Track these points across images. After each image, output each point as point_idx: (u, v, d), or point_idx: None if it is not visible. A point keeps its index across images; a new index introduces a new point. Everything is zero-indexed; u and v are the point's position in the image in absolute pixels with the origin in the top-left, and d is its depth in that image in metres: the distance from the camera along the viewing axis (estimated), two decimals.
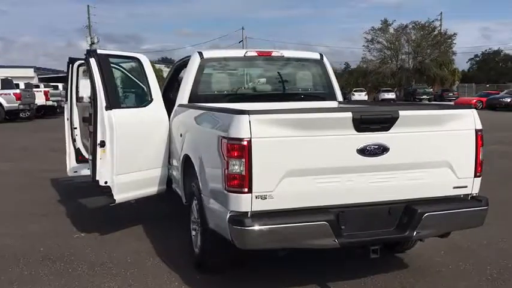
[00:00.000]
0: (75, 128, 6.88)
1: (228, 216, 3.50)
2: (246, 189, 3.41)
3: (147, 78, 5.47)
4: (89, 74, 4.99)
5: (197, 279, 4.35)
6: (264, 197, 3.44)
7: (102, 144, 4.93)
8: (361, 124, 3.53)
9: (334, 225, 3.53)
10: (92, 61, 4.97)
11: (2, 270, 4.61)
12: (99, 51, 5.04)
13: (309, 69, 6.12)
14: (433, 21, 59.56)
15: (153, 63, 5.58)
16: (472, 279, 4.31)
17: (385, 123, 3.60)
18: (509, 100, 32.43)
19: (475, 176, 3.92)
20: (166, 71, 27.06)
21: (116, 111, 4.97)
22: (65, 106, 7.01)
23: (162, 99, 5.51)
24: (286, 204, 3.52)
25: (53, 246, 5.24)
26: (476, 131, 3.87)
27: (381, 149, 3.60)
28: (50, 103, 29.11)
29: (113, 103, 4.97)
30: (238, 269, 4.44)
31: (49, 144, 14.67)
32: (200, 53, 5.58)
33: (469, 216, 3.93)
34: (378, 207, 3.74)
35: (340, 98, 6.09)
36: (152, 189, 5.47)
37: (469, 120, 3.87)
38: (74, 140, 6.88)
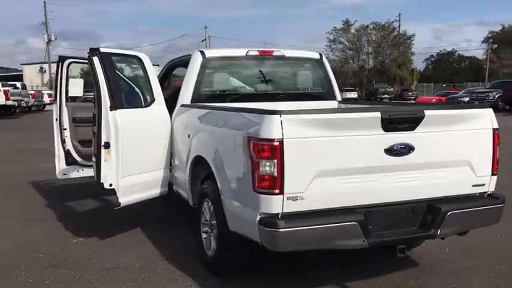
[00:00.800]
0: (65, 129, 6.64)
1: (258, 218, 3.43)
2: (277, 191, 3.36)
3: (148, 77, 5.31)
4: (92, 73, 4.80)
5: (213, 282, 4.27)
6: (295, 198, 3.40)
7: (107, 145, 4.76)
8: (389, 124, 3.54)
9: (364, 226, 3.53)
10: (95, 60, 4.79)
11: (5, 279, 4.39)
12: (102, 50, 4.86)
13: (309, 68, 6.12)
14: (392, 22, 61.00)
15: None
16: (483, 275, 4.40)
17: (412, 122, 3.62)
18: (467, 99, 33.42)
19: (492, 174, 4.01)
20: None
21: (120, 112, 4.81)
22: (54, 106, 6.76)
23: (163, 99, 5.38)
24: (316, 205, 3.48)
25: (52, 252, 5.03)
26: (493, 129, 3.95)
27: (407, 149, 3.63)
28: (10, 103, 28.06)
29: (118, 103, 4.81)
30: (254, 270, 4.38)
31: (19, 146, 14.20)
32: (202, 52, 5.47)
33: (488, 214, 4.00)
34: (402, 206, 3.77)
35: (339, 97, 6.12)
36: (155, 192, 5.32)
37: (487, 119, 3.94)
38: (63, 142, 6.63)
